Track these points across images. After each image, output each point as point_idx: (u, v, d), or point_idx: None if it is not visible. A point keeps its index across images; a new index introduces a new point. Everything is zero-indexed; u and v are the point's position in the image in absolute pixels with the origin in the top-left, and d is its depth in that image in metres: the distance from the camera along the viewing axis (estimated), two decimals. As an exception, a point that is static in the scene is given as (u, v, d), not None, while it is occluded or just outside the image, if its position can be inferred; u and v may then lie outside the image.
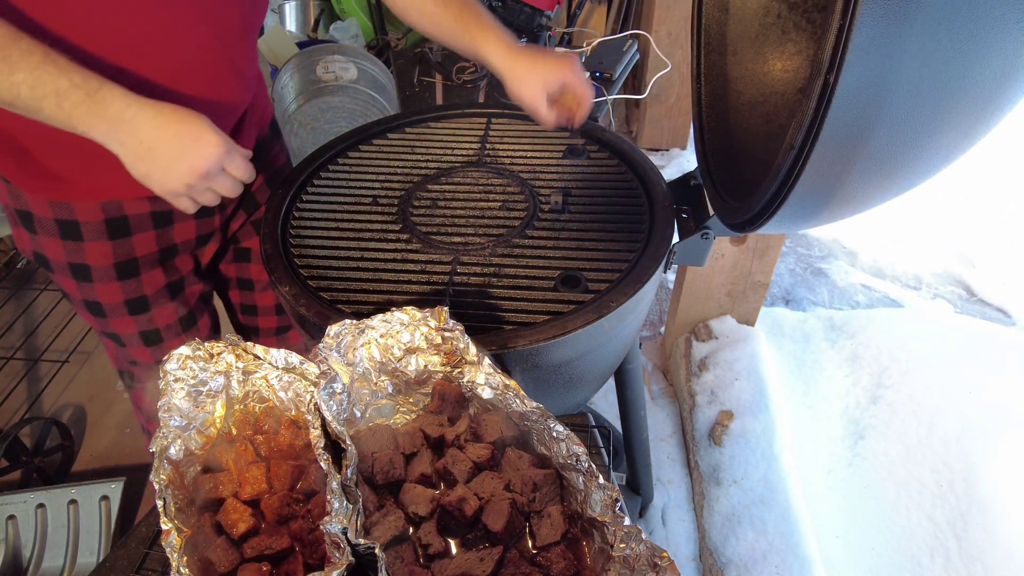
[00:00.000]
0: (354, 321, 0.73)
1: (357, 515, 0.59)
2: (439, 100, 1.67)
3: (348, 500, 0.59)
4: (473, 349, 0.73)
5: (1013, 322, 2.19)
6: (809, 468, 1.72)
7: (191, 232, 1.09)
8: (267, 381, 0.75)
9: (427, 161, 1.14)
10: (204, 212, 1.01)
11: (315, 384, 0.70)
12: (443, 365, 0.76)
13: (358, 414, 0.74)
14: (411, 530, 0.66)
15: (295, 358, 0.74)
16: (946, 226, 2.54)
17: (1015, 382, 1.74)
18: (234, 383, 0.75)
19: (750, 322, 1.97)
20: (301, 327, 0.92)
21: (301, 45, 3.02)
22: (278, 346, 0.75)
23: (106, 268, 1.02)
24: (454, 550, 0.65)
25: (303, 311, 0.85)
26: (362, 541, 0.57)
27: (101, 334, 1.14)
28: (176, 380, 0.71)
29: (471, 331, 0.74)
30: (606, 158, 1.13)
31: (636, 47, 1.69)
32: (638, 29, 2.57)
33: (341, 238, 0.99)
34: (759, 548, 1.48)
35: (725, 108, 1.01)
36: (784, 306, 2.28)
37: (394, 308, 0.74)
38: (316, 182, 1.10)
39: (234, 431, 0.75)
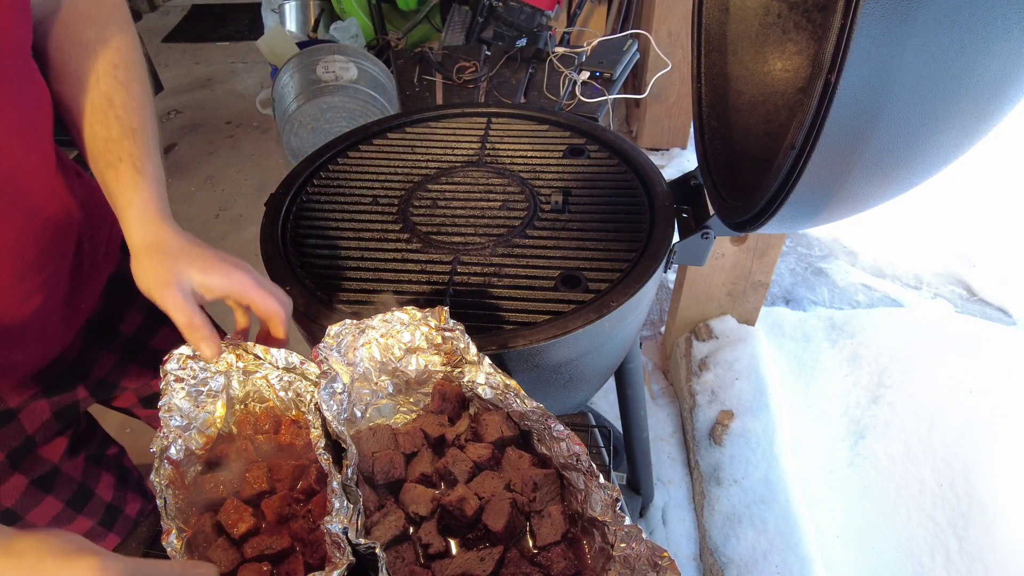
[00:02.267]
0: (354, 321, 0.73)
1: (358, 515, 0.59)
2: (439, 100, 1.67)
3: (348, 500, 0.59)
4: (473, 349, 0.73)
5: (1013, 322, 2.19)
6: (809, 468, 1.72)
7: (46, 411, 0.88)
8: (267, 381, 0.75)
9: (427, 161, 1.14)
10: (58, 387, 0.86)
11: (315, 384, 0.70)
12: (443, 365, 0.76)
13: (359, 414, 0.74)
14: (411, 530, 0.66)
15: (295, 358, 0.74)
16: (946, 226, 2.54)
17: (1015, 382, 1.74)
18: (234, 383, 0.74)
19: (750, 322, 1.97)
20: (301, 327, 0.92)
21: (301, 45, 3.02)
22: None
23: None
24: (454, 550, 0.65)
25: (303, 311, 0.85)
26: (363, 541, 0.57)
27: None
28: (176, 380, 0.71)
29: (471, 331, 0.74)
30: (606, 158, 1.13)
31: (636, 47, 1.70)
32: (638, 29, 2.57)
33: (341, 238, 0.99)
34: (759, 548, 1.48)
35: (725, 108, 1.00)
36: (784, 306, 2.28)
37: (394, 308, 0.74)
38: (316, 182, 1.10)
39: (235, 431, 0.75)
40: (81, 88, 0.74)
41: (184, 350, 0.72)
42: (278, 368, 0.74)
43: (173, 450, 0.68)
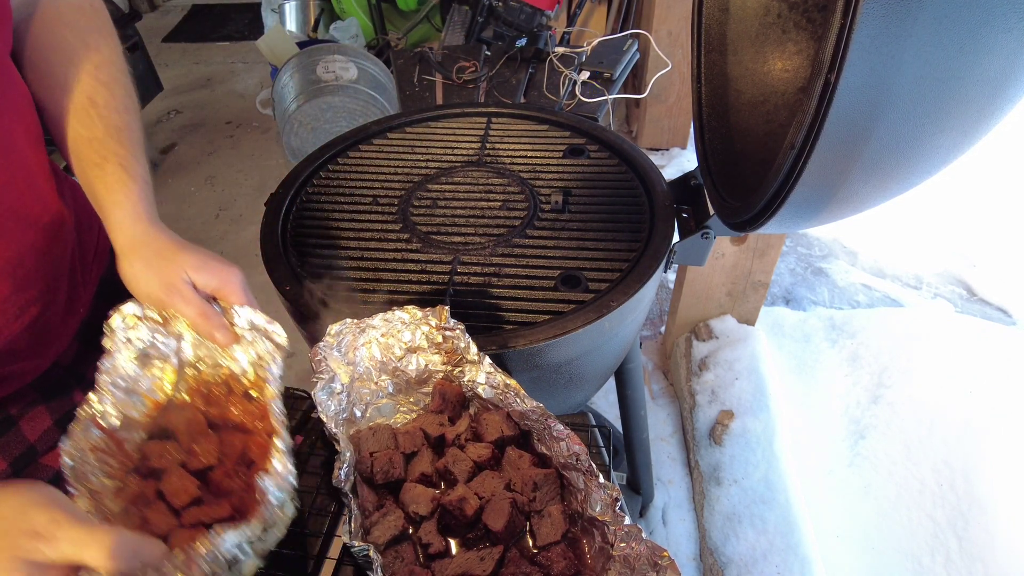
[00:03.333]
0: (355, 320, 0.73)
1: (351, 518, 0.59)
2: (439, 100, 1.67)
3: (343, 503, 0.59)
4: (474, 348, 0.73)
5: (1013, 322, 2.19)
6: (809, 468, 1.72)
7: (46, 418, 0.85)
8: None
9: (427, 161, 1.14)
10: (56, 393, 0.84)
11: (279, 348, 0.68)
12: (444, 364, 0.76)
13: (358, 413, 0.74)
14: (411, 530, 0.66)
15: (260, 318, 0.70)
16: (946, 226, 2.54)
17: (1015, 382, 1.74)
18: (186, 346, 0.71)
19: (750, 322, 1.97)
20: (302, 327, 0.92)
21: (301, 45, 3.02)
22: None
23: None
24: (454, 549, 0.65)
25: (303, 311, 0.85)
26: (356, 543, 0.57)
27: None
28: (125, 341, 0.68)
29: (471, 331, 0.74)
30: (606, 158, 1.13)
31: (636, 47, 1.69)
32: (638, 28, 2.57)
33: (341, 238, 0.99)
34: (759, 547, 1.48)
35: (725, 108, 1.00)
36: (784, 306, 2.28)
37: (395, 307, 0.74)
38: (316, 182, 1.10)
39: (187, 398, 0.72)
40: (63, 91, 0.73)
41: (132, 308, 0.68)
42: (241, 328, 0.70)
43: (112, 419, 0.65)
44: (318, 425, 0.77)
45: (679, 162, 2.92)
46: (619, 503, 0.60)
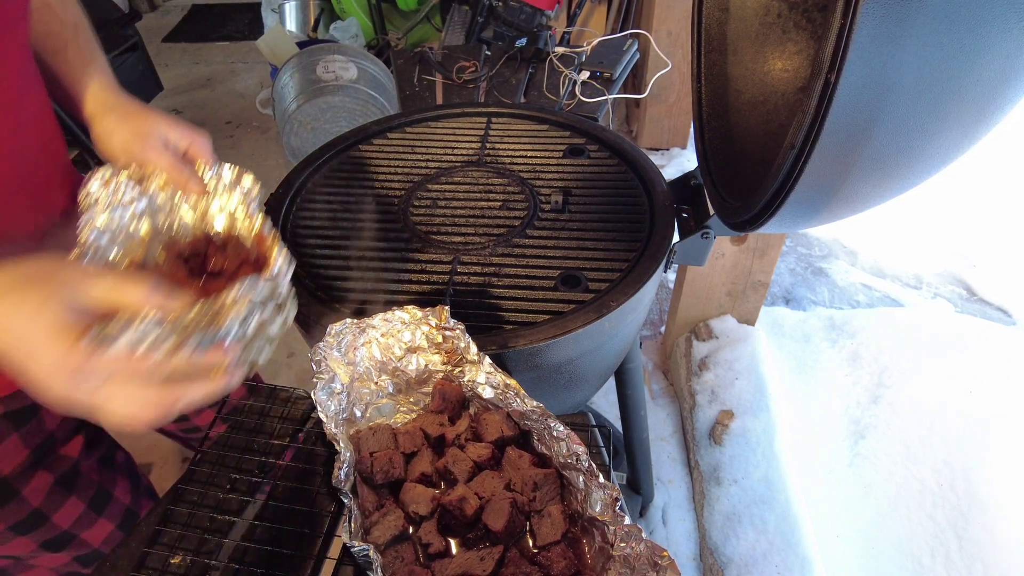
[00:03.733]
0: (355, 320, 0.73)
1: (351, 518, 0.59)
2: (439, 100, 1.67)
3: (343, 503, 0.59)
4: (474, 348, 0.73)
5: (1013, 322, 2.19)
6: (809, 468, 1.72)
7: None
8: (200, 204, 0.74)
9: (427, 161, 1.14)
10: None
11: (249, 194, 0.74)
12: (444, 364, 0.76)
13: (358, 413, 0.74)
14: (411, 529, 0.66)
15: (228, 173, 0.74)
16: (946, 226, 2.54)
17: (1015, 382, 1.74)
18: (161, 202, 0.73)
19: (750, 321, 1.97)
20: (301, 327, 0.93)
21: (301, 45, 3.02)
22: None
23: None
24: (454, 549, 0.65)
25: (303, 310, 0.85)
26: (356, 544, 0.57)
27: None
28: (102, 203, 0.69)
29: (471, 331, 0.74)
30: (606, 158, 1.13)
31: (636, 46, 1.70)
32: (638, 28, 2.57)
33: (341, 238, 0.99)
34: (759, 547, 1.48)
35: (725, 107, 1.01)
36: (784, 305, 2.28)
37: (395, 307, 0.74)
38: (316, 182, 1.10)
39: (164, 253, 0.72)
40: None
41: (108, 170, 0.70)
42: (212, 183, 0.74)
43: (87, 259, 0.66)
44: (318, 425, 0.77)
45: (679, 162, 2.92)
46: (619, 503, 0.60)
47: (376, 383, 0.75)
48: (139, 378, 0.51)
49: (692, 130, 1.05)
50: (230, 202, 0.74)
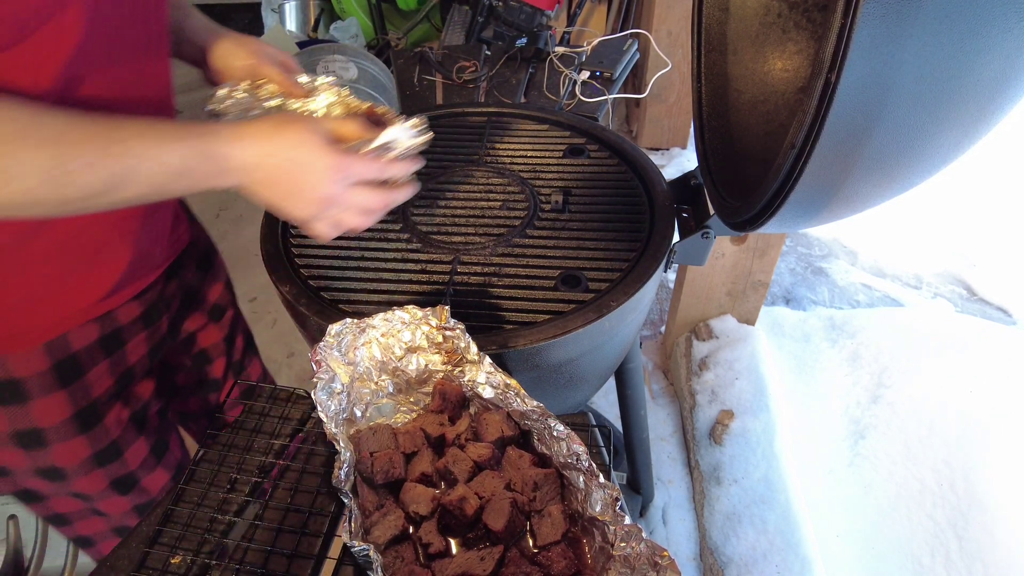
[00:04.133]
0: (355, 320, 0.73)
1: (351, 518, 0.59)
2: (439, 100, 1.67)
3: (343, 503, 0.59)
4: (474, 348, 0.73)
5: (1014, 321, 2.19)
6: (809, 467, 1.72)
7: (143, 347, 0.93)
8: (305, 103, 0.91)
9: (427, 160, 1.14)
10: (151, 319, 0.92)
11: (345, 87, 0.92)
12: (444, 364, 0.76)
13: (358, 413, 0.74)
14: (411, 529, 0.66)
15: (321, 78, 0.94)
16: (946, 225, 2.54)
17: (1015, 382, 1.74)
18: (274, 105, 0.90)
19: (750, 321, 1.97)
20: (302, 327, 0.92)
21: (301, 45, 3.02)
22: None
23: (63, 424, 0.84)
24: (455, 549, 0.65)
25: (304, 311, 0.85)
26: (357, 543, 0.57)
27: (46, 506, 0.92)
28: (229, 102, 0.86)
29: (471, 330, 0.74)
30: (606, 157, 1.13)
31: (636, 46, 1.69)
32: (638, 28, 2.57)
33: (341, 237, 0.99)
34: (760, 547, 1.48)
35: (725, 107, 1.01)
36: (784, 305, 2.28)
37: (395, 307, 0.74)
38: (316, 182, 1.10)
39: None
40: None
41: (227, 84, 0.89)
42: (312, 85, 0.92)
43: None
44: (318, 425, 0.77)
45: (679, 162, 2.92)
46: (619, 503, 0.60)
47: (376, 383, 0.75)
48: (375, 177, 0.73)
49: (692, 130, 1.05)
50: (331, 96, 0.92)
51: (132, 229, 0.83)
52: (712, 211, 0.95)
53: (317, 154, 0.68)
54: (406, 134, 0.77)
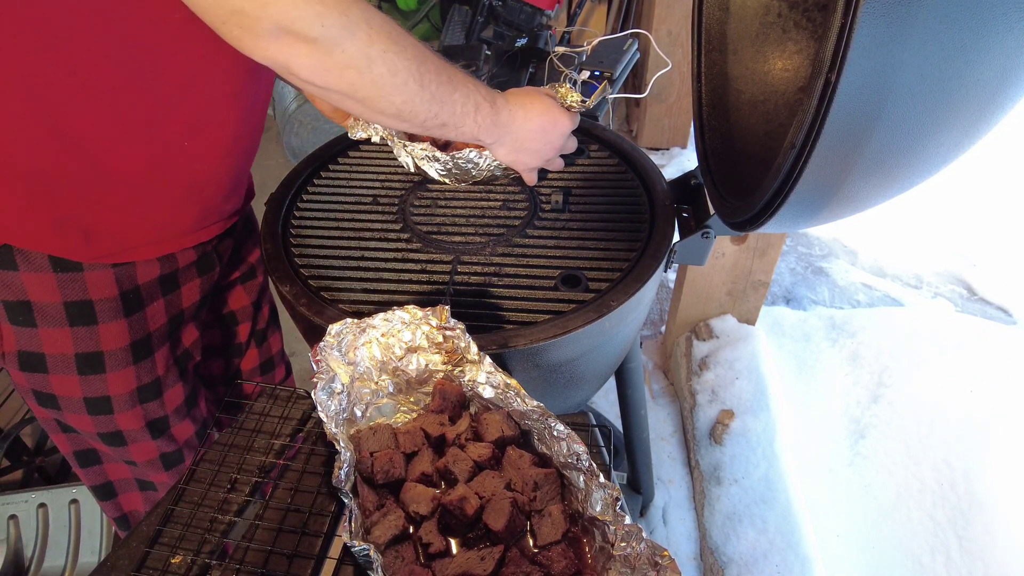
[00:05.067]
0: (355, 320, 0.73)
1: (351, 518, 0.59)
2: (439, 99, 1.67)
3: (343, 503, 0.59)
4: (474, 348, 0.73)
5: (1014, 321, 2.19)
6: (810, 467, 1.72)
7: (196, 293, 0.98)
8: None
9: (427, 160, 1.14)
10: (204, 268, 0.98)
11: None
12: (444, 364, 0.76)
13: (359, 413, 0.74)
14: (411, 529, 0.66)
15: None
16: (946, 225, 2.54)
17: (1015, 382, 1.74)
18: None
19: (751, 321, 1.97)
20: (302, 327, 0.92)
21: (301, 45, 3.01)
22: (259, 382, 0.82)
23: (122, 352, 0.89)
24: (455, 549, 0.65)
25: (304, 310, 0.85)
26: (357, 543, 0.57)
27: (89, 439, 0.97)
28: None
29: (471, 330, 0.74)
30: (606, 157, 1.13)
31: (636, 46, 1.69)
32: (638, 28, 2.57)
33: (342, 237, 0.99)
34: (760, 547, 1.48)
35: (726, 107, 1.01)
36: (785, 305, 2.28)
37: (395, 307, 0.74)
38: (316, 182, 1.10)
39: None
40: None
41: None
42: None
43: None
44: (318, 425, 0.77)
45: (679, 162, 2.92)
46: (619, 503, 0.60)
47: (376, 383, 0.75)
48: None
49: (692, 130, 1.05)
50: None
51: (235, 170, 0.92)
52: (712, 211, 0.95)
53: (564, 115, 0.92)
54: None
